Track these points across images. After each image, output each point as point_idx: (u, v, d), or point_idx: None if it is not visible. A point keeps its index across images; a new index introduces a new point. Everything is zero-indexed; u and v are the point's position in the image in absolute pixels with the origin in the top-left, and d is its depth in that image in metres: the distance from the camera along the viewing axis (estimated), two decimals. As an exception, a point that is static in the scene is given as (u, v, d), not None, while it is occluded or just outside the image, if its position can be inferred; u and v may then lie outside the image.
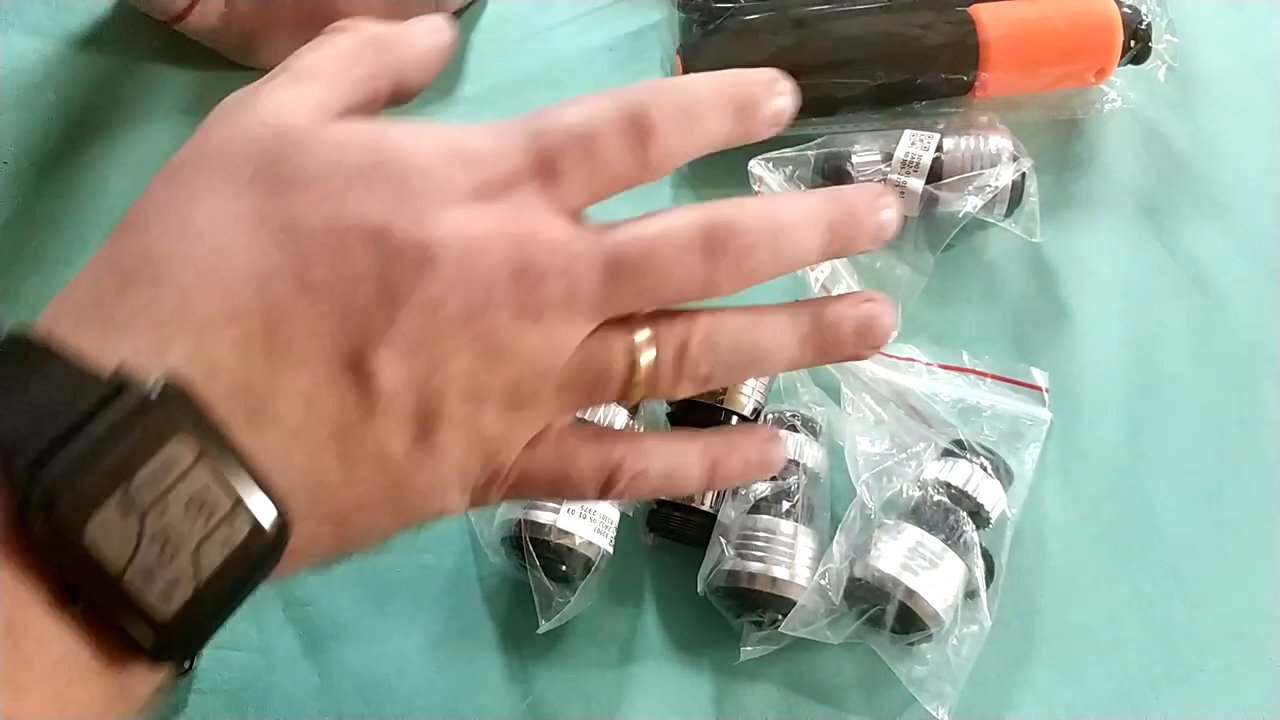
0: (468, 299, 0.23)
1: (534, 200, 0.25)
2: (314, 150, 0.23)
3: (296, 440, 0.22)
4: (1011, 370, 0.44)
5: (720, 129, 0.27)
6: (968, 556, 0.38)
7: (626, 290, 0.25)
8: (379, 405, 0.23)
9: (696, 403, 0.41)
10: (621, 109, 0.26)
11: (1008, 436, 0.42)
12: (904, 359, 0.44)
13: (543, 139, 0.25)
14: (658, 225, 0.26)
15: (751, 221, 0.26)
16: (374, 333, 0.22)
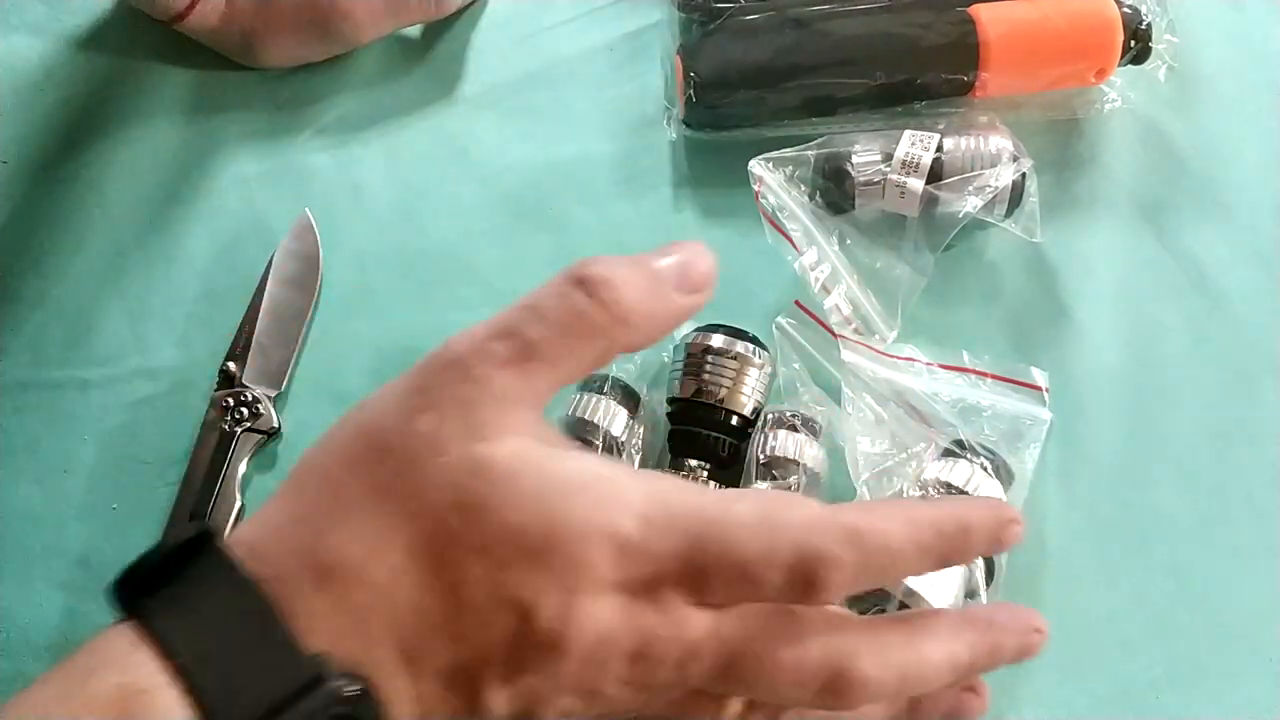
0: (583, 673, 0.26)
1: (676, 601, 0.26)
2: (504, 512, 0.25)
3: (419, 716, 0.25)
4: (1011, 370, 0.44)
5: (915, 573, 0.28)
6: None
7: (732, 687, 0.27)
8: (483, 716, 0.26)
9: (697, 401, 0.41)
10: (802, 558, 0.26)
11: (1008, 436, 0.42)
12: (904, 359, 0.44)
13: (706, 560, 0.26)
14: (790, 654, 0.26)
15: (888, 679, 0.27)
16: (495, 676, 0.25)
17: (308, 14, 0.48)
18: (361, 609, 0.25)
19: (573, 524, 0.25)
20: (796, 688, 0.27)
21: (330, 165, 0.50)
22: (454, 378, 0.27)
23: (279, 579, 0.25)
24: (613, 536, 0.25)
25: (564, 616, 0.25)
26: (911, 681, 0.27)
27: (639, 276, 0.28)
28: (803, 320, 0.44)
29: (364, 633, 0.25)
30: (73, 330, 0.47)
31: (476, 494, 0.25)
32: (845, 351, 0.42)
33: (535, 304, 0.28)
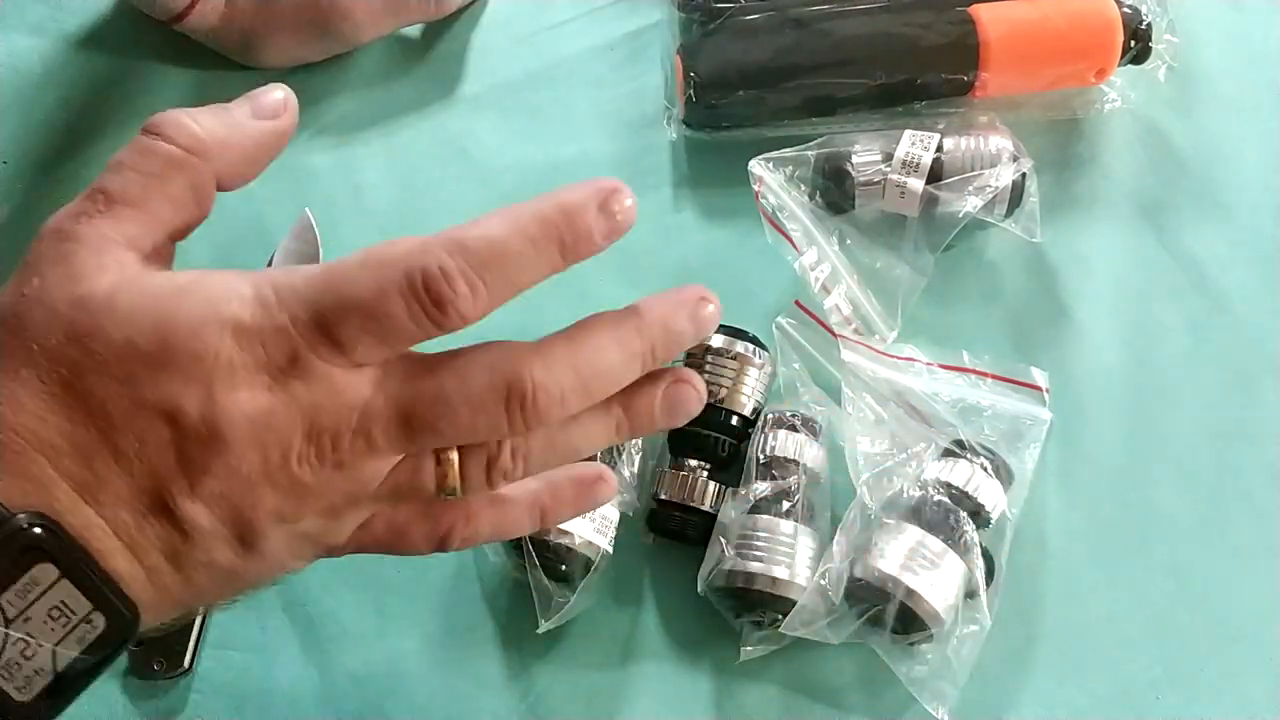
0: (264, 460, 0.26)
1: (320, 366, 0.26)
2: (112, 331, 0.26)
3: (135, 559, 0.26)
4: (1011, 370, 0.44)
5: (539, 270, 0.28)
6: (968, 557, 0.38)
7: (423, 438, 0.28)
8: (195, 536, 0.26)
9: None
10: (411, 276, 0.26)
11: (1008, 436, 0.42)
12: (904, 359, 0.44)
13: (325, 313, 0.26)
14: (455, 381, 0.27)
15: (564, 379, 0.28)
16: (179, 488, 0.26)
17: (308, 14, 0.48)
18: (18, 454, 0.25)
19: (180, 323, 0.26)
20: (480, 414, 0.27)
21: (330, 165, 0.50)
22: (52, 242, 0.27)
23: None
24: (227, 323, 0.26)
25: (209, 408, 0.26)
26: (591, 376, 0.28)
27: (208, 113, 0.29)
28: (803, 320, 0.44)
29: (30, 475, 0.25)
30: (73, 330, 0.47)
31: (82, 324, 0.26)
32: (845, 351, 0.42)
33: (114, 160, 0.28)
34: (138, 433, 0.26)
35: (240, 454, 0.26)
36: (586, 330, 0.29)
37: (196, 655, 0.42)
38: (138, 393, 0.26)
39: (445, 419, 0.27)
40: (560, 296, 0.47)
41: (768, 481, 0.40)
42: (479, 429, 0.28)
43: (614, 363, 0.29)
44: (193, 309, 0.26)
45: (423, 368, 0.28)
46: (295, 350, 0.26)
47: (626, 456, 0.42)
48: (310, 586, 0.43)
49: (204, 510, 0.26)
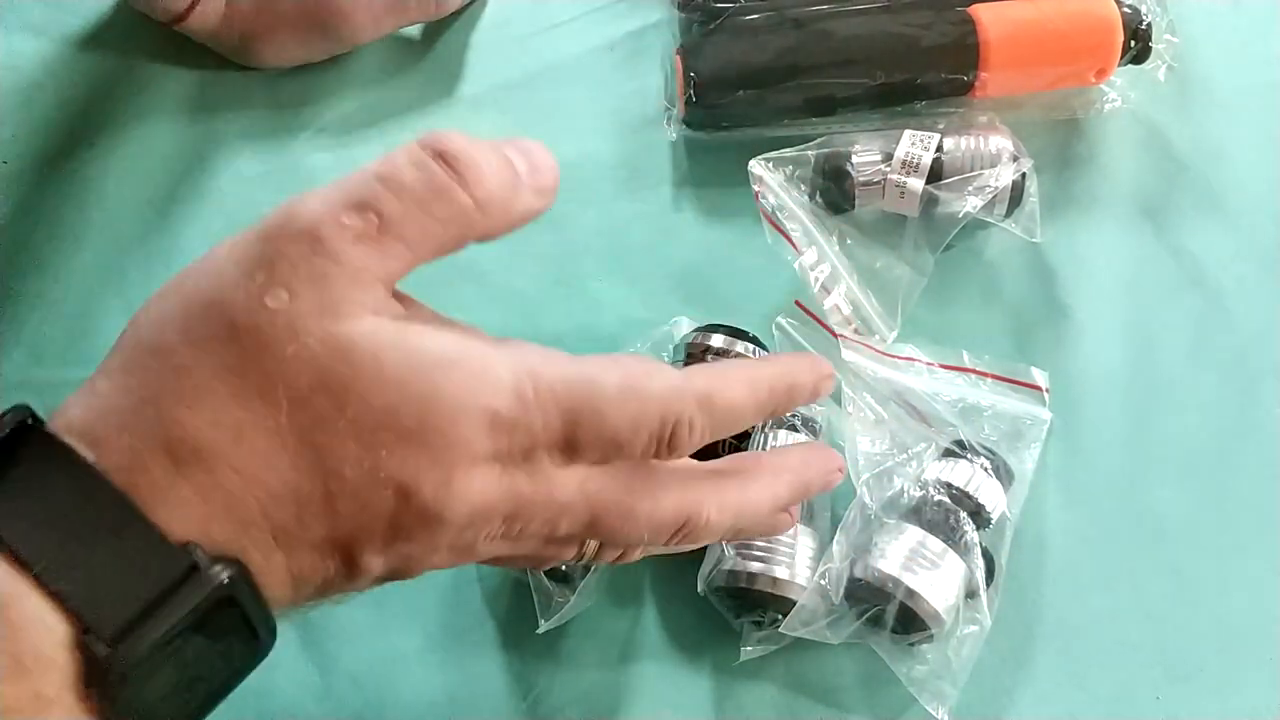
0: (459, 537, 0.27)
1: (548, 466, 0.28)
2: (371, 393, 0.25)
3: (294, 589, 0.26)
4: (1011, 370, 0.44)
5: (753, 419, 0.32)
6: (968, 557, 0.38)
7: (594, 534, 0.30)
8: (359, 580, 0.27)
9: None
10: (664, 423, 0.28)
11: (1008, 436, 0.42)
12: (904, 359, 0.44)
13: (579, 431, 0.27)
14: (648, 505, 0.30)
15: (725, 520, 0.31)
16: (374, 547, 0.26)
17: (308, 14, 0.48)
18: (231, 494, 0.24)
19: (444, 402, 0.25)
20: (653, 534, 0.30)
21: (330, 165, 0.50)
22: (304, 251, 0.25)
23: (130, 468, 0.23)
24: (486, 413, 0.26)
25: (443, 493, 0.26)
26: (744, 519, 0.32)
27: (501, 164, 0.28)
28: (803, 320, 0.44)
29: (236, 517, 0.24)
30: (73, 330, 0.47)
31: (340, 376, 0.24)
32: (845, 351, 0.42)
33: (392, 175, 0.26)
34: (364, 498, 0.25)
35: (449, 533, 0.26)
36: (753, 478, 0.33)
37: None
38: (380, 463, 0.25)
39: (625, 533, 0.30)
40: (560, 297, 0.47)
41: None
42: (643, 543, 0.31)
43: (762, 511, 0.33)
44: (456, 391, 0.26)
45: (619, 479, 0.29)
46: (534, 449, 0.27)
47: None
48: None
49: (381, 562, 0.26)
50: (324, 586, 0.26)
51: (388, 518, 0.25)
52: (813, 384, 0.33)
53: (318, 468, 0.25)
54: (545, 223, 0.48)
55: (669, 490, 0.30)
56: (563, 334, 0.46)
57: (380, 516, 0.25)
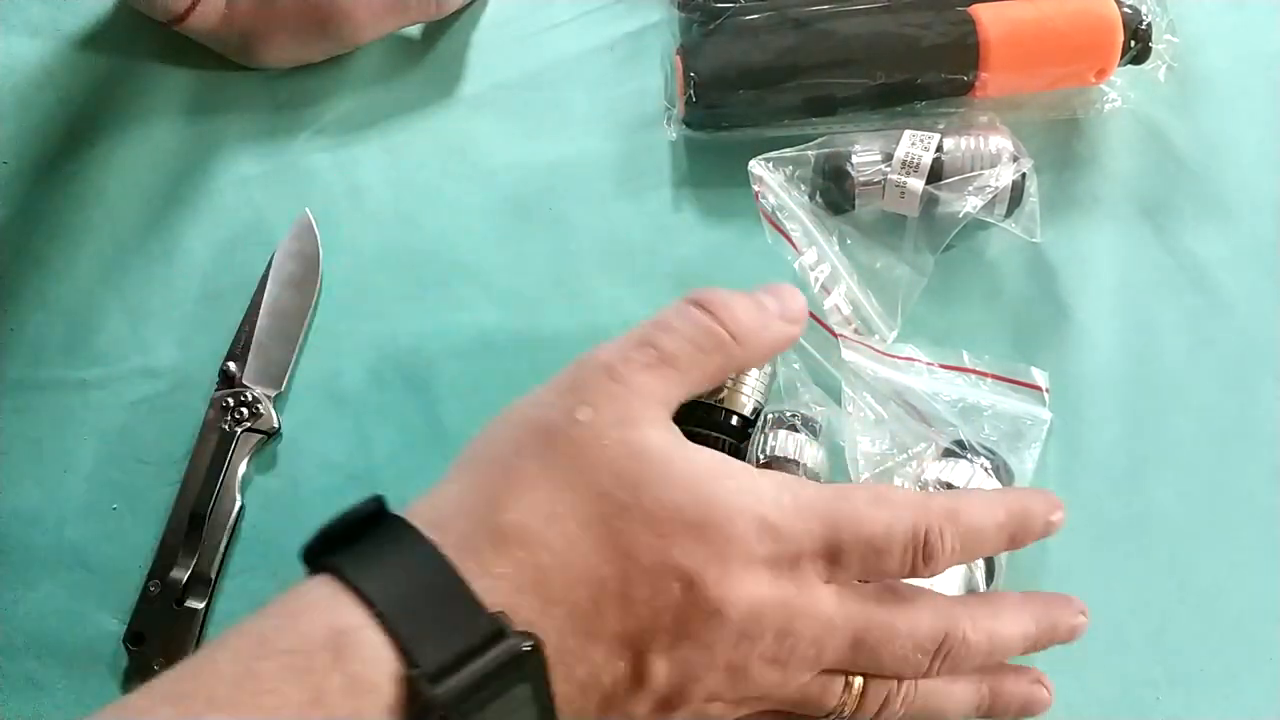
0: (737, 646, 0.29)
1: (813, 578, 0.30)
2: (662, 490, 0.29)
3: (579, 690, 0.28)
4: (1011, 370, 0.44)
5: (993, 550, 0.34)
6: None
7: (859, 660, 0.31)
8: (643, 688, 0.29)
9: (697, 401, 0.41)
10: (916, 530, 0.30)
11: (1008, 436, 0.42)
12: (904, 358, 0.44)
13: (840, 536, 0.30)
14: (906, 618, 0.31)
15: (982, 641, 0.32)
16: (661, 645, 0.28)
17: (308, 14, 0.48)
18: (540, 571, 0.28)
19: (722, 504, 0.29)
20: (916, 652, 0.31)
21: (330, 165, 0.50)
22: (603, 378, 0.30)
23: (458, 545, 0.27)
24: (758, 516, 0.29)
25: (724, 586, 0.28)
26: (998, 647, 0.33)
27: (750, 303, 0.34)
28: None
29: (542, 594, 0.28)
30: (73, 330, 0.47)
31: (637, 472, 0.29)
32: (845, 350, 0.42)
33: (665, 321, 0.32)
34: (654, 585, 0.28)
35: (728, 634, 0.28)
36: (1004, 604, 0.34)
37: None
38: (668, 551, 0.28)
39: (888, 649, 0.31)
40: (560, 296, 0.47)
41: None
42: (907, 665, 0.31)
43: (1014, 640, 0.33)
44: (733, 495, 0.29)
45: (874, 595, 0.31)
46: (800, 557, 0.29)
47: None
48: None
49: (665, 668, 0.28)
50: (609, 695, 0.28)
51: (675, 609, 0.28)
52: (1045, 514, 0.34)
53: (616, 552, 0.28)
54: (545, 223, 0.48)
55: (924, 607, 0.32)
56: (562, 334, 0.46)
57: (668, 607, 0.28)
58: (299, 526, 0.43)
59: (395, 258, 0.48)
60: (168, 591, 0.42)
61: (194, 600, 0.42)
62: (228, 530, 0.43)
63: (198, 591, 0.43)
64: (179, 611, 0.42)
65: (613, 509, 0.28)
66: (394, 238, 0.48)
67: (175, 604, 0.42)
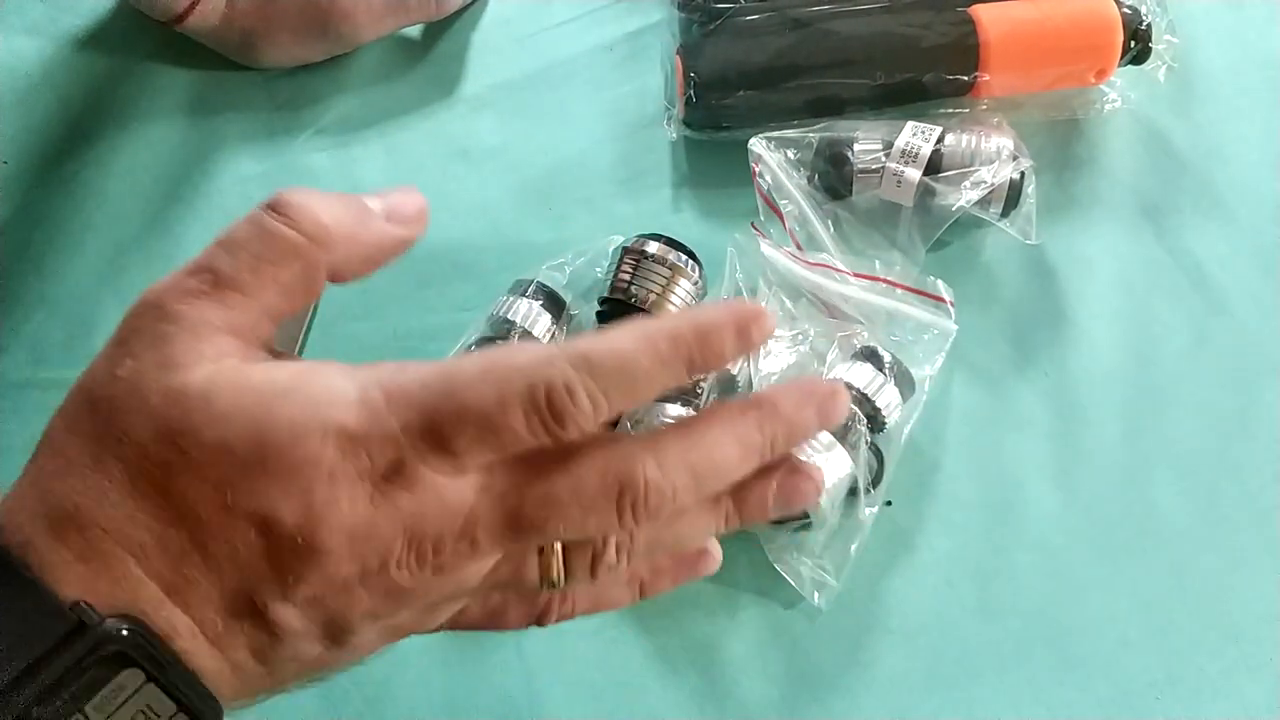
0: (361, 568, 0.25)
1: (426, 475, 0.25)
2: (208, 432, 0.25)
3: (220, 656, 0.26)
4: (919, 284, 0.44)
5: (659, 388, 0.27)
6: (856, 454, 0.39)
7: (530, 537, 0.27)
8: (284, 638, 0.26)
9: (623, 303, 0.43)
10: (534, 392, 0.25)
11: (913, 344, 0.43)
12: (820, 265, 0.44)
13: (439, 421, 0.25)
14: (566, 481, 0.26)
15: (674, 476, 0.27)
16: (271, 593, 0.25)
17: (308, 14, 0.48)
18: (107, 553, 0.25)
19: (280, 428, 0.25)
20: (590, 514, 0.26)
21: (330, 165, 0.50)
22: (150, 320, 0.26)
23: (20, 545, 0.25)
24: (330, 429, 0.25)
25: (308, 517, 0.25)
26: (705, 472, 0.27)
27: (338, 202, 0.28)
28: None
29: (119, 575, 0.25)
30: (73, 330, 0.47)
31: (175, 420, 0.25)
32: (764, 246, 0.43)
33: (229, 235, 0.27)
34: (229, 538, 0.25)
35: (337, 563, 0.25)
36: (705, 424, 0.28)
37: None
38: (230, 498, 0.25)
39: (555, 520, 0.26)
40: (560, 296, 0.47)
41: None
42: (589, 527, 0.27)
43: (730, 459, 0.28)
44: (294, 413, 0.25)
45: (528, 467, 0.27)
46: (401, 459, 0.25)
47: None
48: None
49: (296, 613, 0.26)
50: (261, 651, 0.26)
51: (263, 554, 0.25)
52: (732, 326, 0.27)
53: (176, 514, 0.25)
54: (545, 222, 0.48)
55: (591, 460, 0.27)
56: (562, 334, 0.46)
57: (254, 554, 0.25)
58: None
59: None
60: (167, 591, 0.42)
61: (193, 600, 0.42)
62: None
63: (197, 591, 0.42)
64: (178, 611, 0.42)
65: (160, 469, 0.25)
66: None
67: (175, 604, 0.42)
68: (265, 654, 0.26)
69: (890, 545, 0.42)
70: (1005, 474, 0.44)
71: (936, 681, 0.41)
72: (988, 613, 0.42)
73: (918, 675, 0.41)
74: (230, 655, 0.26)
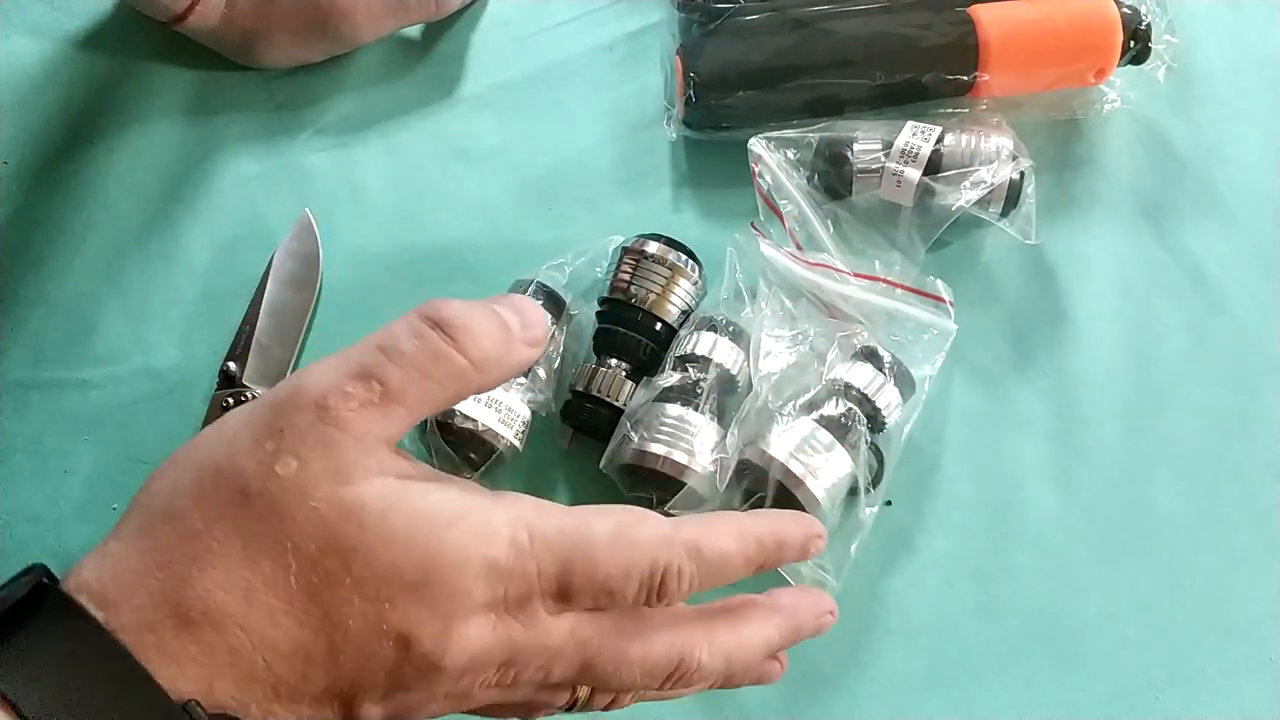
0: (458, 683, 0.27)
1: (542, 614, 0.28)
2: (378, 553, 0.26)
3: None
4: (919, 284, 0.44)
5: (733, 579, 0.31)
6: (856, 454, 0.39)
7: (587, 680, 0.30)
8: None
9: (623, 303, 0.43)
10: (654, 571, 0.29)
11: (913, 344, 0.43)
12: (820, 265, 0.44)
13: (573, 579, 0.28)
14: (640, 649, 0.30)
15: (718, 663, 0.31)
16: (374, 695, 0.26)
17: (308, 15, 0.48)
18: (237, 651, 0.25)
19: (446, 557, 0.26)
20: (646, 679, 0.30)
21: (330, 165, 0.50)
22: (312, 420, 0.26)
23: (139, 628, 0.24)
24: (486, 562, 0.27)
25: (442, 643, 0.26)
26: (736, 663, 0.32)
27: (494, 324, 0.30)
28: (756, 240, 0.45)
29: (240, 674, 0.25)
30: (73, 330, 0.47)
31: (349, 537, 0.26)
32: (764, 246, 0.43)
33: (392, 345, 0.28)
34: (367, 650, 0.26)
35: (447, 681, 0.27)
36: (744, 619, 0.32)
37: None
38: (383, 616, 0.26)
39: (618, 677, 0.30)
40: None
41: (679, 373, 0.41)
42: (637, 687, 0.30)
43: (755, 654, 0.32)
44: (458, 545, 0.27)
45: (610, 622, 0.29)
46: (530, 597, 0.28)
47: (544, 360, 0.43)
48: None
49: (380, 712, 0.27)
50: None
51: (388, 668, 0.26)
52: (801, 542, 0.33)
53: (324, 624, 0.25)
54: (545, 222, 0.48)
55: (660, 633, 0.30)
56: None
57: (381, 667, 0.26)
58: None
59: (395, 258, 0.48)
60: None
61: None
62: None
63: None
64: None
65: (321, 579, 0.25)
66: (394, 237, 0.48)
67: (175, 604, 0.42)
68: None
69: (890, 545, 0.42)
70: (1005, 474, 0.44)
71: (936, 681, 0.41)
72: (988, 613, 0.42)
73: (918, 675, 0.41)
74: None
